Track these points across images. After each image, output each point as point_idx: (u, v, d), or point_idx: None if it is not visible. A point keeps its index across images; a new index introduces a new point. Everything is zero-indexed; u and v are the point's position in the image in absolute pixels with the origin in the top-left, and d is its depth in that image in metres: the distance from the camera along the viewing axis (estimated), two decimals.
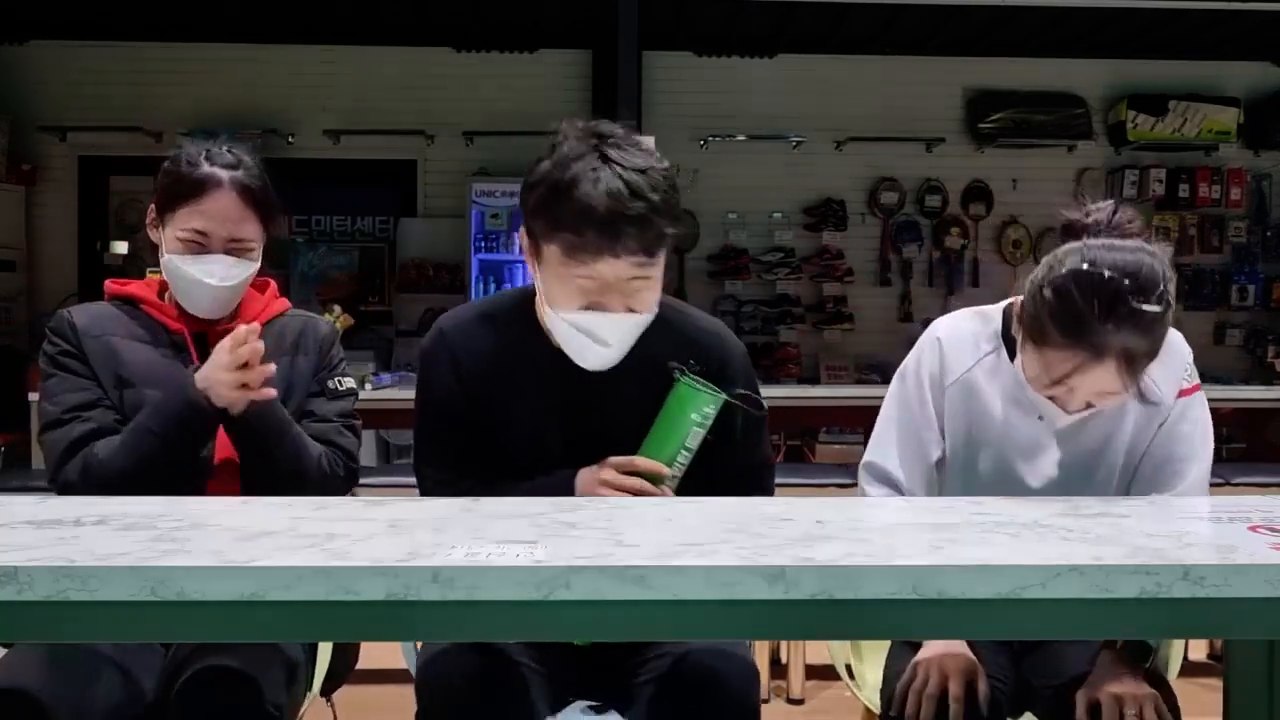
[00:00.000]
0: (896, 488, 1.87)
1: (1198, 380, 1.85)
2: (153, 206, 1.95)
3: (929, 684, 1.71)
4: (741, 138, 7.73)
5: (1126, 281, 1.59)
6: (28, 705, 1.55)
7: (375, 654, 2.01)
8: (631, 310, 1.67)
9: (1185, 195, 7.78)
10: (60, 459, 1.83)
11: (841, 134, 7.76)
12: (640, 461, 1.72)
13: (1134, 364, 1.61)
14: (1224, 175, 7.83)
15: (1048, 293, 1.63)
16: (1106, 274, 1.59)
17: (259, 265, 1.97)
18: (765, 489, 1.87)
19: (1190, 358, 1.84)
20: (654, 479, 1.72)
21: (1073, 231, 1.74)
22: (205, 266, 1.88)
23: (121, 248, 7.70)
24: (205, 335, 1.94)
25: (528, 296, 1.83)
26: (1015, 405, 1.80)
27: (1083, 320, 1.60)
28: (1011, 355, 1.79)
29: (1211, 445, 1.85)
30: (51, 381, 1.89)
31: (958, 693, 1.69)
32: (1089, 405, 1.68)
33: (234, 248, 1.91)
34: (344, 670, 2.00)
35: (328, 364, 2.03)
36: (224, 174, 1.89)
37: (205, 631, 1.32)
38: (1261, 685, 1.63)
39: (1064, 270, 1.63)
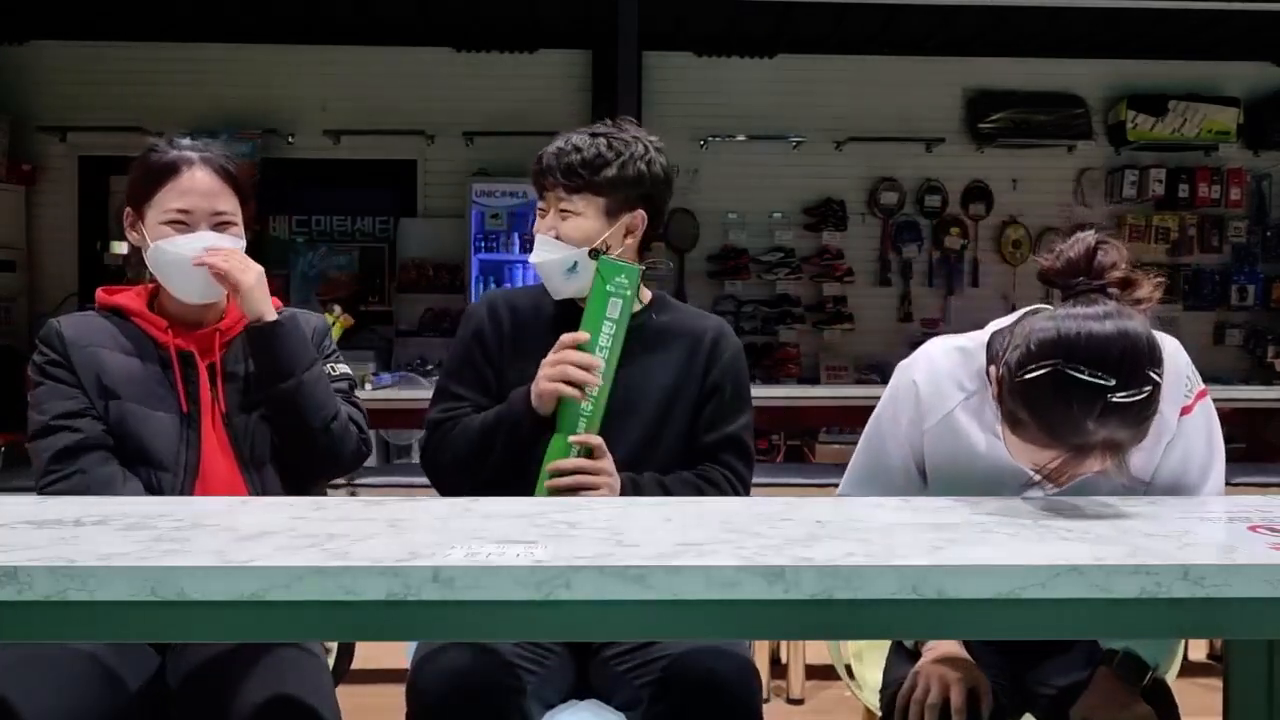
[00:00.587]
0: None
1: (1200, 386, 1.74)
2: (128, 209, 1.95)
3: (930, 693, 1.69)
4: (741, 138, 7.73)
5: (1101, 374, 1.45)
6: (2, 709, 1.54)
7: (375, 654, 2.01)
8: (559, 238, 1.96)
9: (1185, 195, 7.78)
10: (45, 469, 1.82)
11: (841, 134, 7.76)
12: (564, 336, 1.90)
13: (1120, 448, 1.51)
14: (1224, 175, 7.82)
15: (1022, 386, 1.50)
16: (1083, 372, 1.46)
17: (245, 245, 1.96)
18: (740, 472, 2.00)
19: (1189, 370, 1.72)
20: (584, 349, 1.89)
21: (1049, 280, 1.61)
22: (192, 243, 1.88)
23: (122, 248, 7.62)
24: (191, 356, 1.92)
25: None
26: (1001, 439, 1.66)
27: (1062, 422, 1.48)
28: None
29: (1222, 458, 1.75)
30: (40, 390, 1.88)
31: (959, 704, 1.67)
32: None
33: (217, 222, 1.91)
34: (342, 671, 2.00)
35: (320, 354, 2.02)
36: (193, 154, 1.92)
37: (205, 631, 1.32)
38: (1261, 685, 1.63)
39: (1038, 357, 1.49)
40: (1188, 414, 1.71)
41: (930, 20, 7.01)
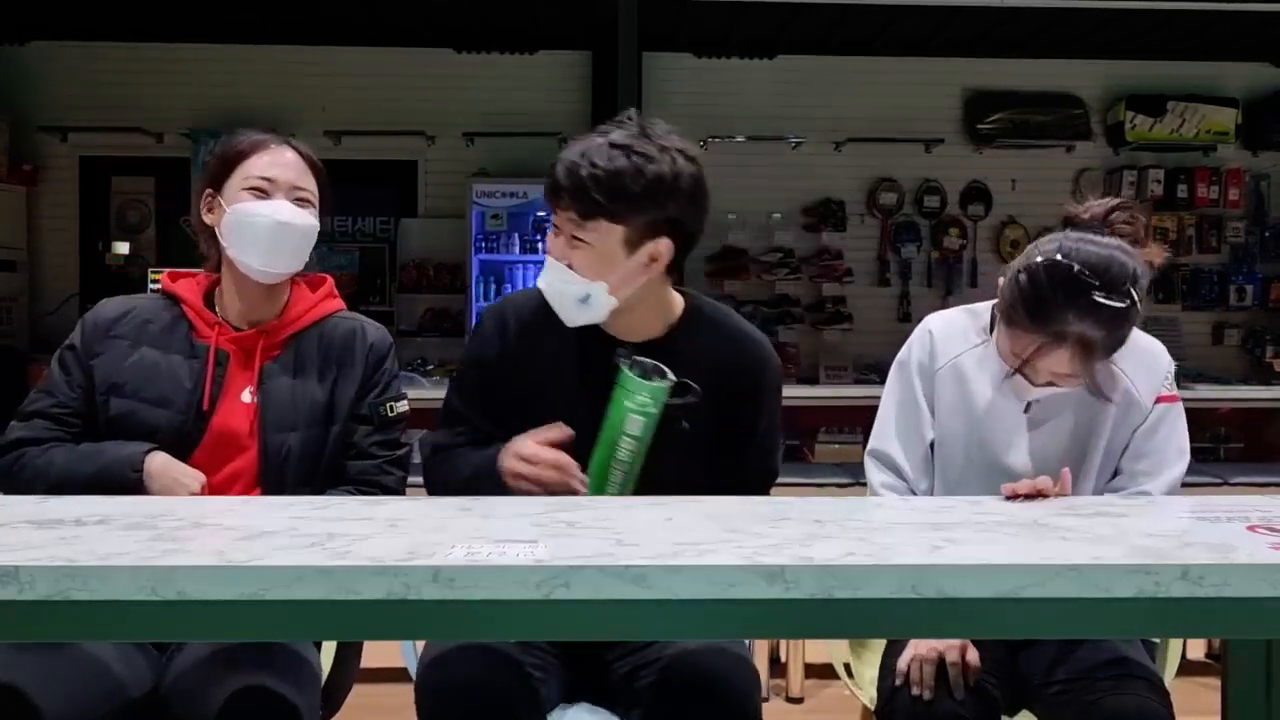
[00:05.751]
0: (898, 471, 1.95)
1: (1177, 393, 1.91)
2: (208, 191, 1.92)
3: (927, 651, 1.75)
4: (741, 138, 7.73)
5: (1090, 274, 1.68)
6: (20, 702, 1.53)
7: (375, 654, 2.00)
8: (570, 267, 1.77)
9: (1184, 195, 7.78)
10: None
11: (841, 134, 7.76)
12: (558, 458, 1.73)
13: (1090, 352, 1.71)
14: (1222, 175, 7.83)
15: (1022, 277, 1.73)
16: (1075, 266, 1.69)
17: (318, 229, 1.95)
18: (770, 473, 1.94)
19: (1172, 370, 1.90)
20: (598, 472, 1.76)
21: (1070, 224, 1.81)
22: (271, 205, 1.88)
23: (123, 248, 7.68)
24: (228, 356, 1.89)
25: None
26: (1001, 394, 1.87)
27: (1046, 307, 1.70)
28: None
29: (1187, 456, 1.89)
30: (48, 375, 1.90)
31: (955, 659, 1.73)
32: (1050, 383, 1.77)
33: (296, 196, 1.92)
34: (347, 675, 1.97)
35: (379, 382, 1.95)
36: (277, 138, 1.95)
37: (205, 631, 1.32)
38: (1261, 685, 1.64)
39: (1039, 258, 1.73)
40: (1164, 402, 1.88)
41: (930, 20, 7.00)
